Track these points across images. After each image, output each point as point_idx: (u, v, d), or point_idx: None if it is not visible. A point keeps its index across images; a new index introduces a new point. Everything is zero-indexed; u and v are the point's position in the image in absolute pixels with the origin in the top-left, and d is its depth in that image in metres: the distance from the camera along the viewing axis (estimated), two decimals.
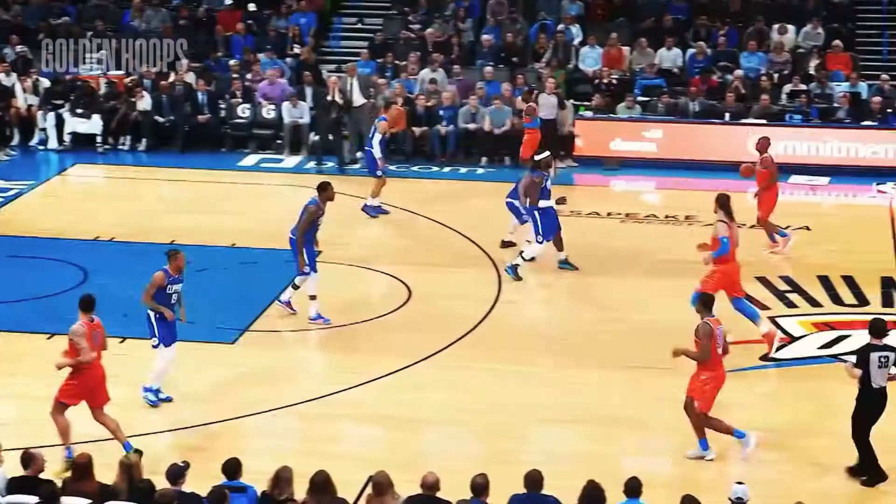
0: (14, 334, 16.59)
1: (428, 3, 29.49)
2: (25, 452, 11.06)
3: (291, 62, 27.69)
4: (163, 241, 20.02)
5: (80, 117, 25.75)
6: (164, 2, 29.88)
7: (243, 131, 26.10)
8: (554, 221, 18.80)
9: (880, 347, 12.97)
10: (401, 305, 17.74)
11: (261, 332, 16.86)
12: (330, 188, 17.17)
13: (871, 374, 12.83)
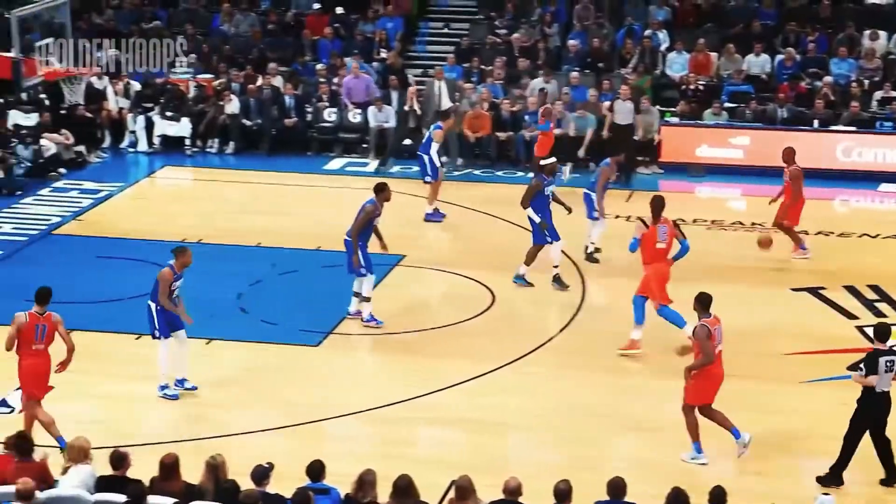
0: (101, 334, 16.80)
1: (514, 8, 29.48)
2: (115, 452, 11.20)
3: (378, 66, 27.82)
4: (249, 244, 20.26)
5: (169, 120, 26.06)
6: (253, 6, 30.18)
7: (329, 135, 26.26)
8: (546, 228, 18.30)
9: (886, 352, 12.93)
10: (484, 310, 17.74)
11: (344, 335, 16.94)
12: (387, 189, 17.23)
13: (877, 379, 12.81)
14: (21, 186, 23.13)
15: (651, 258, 16.12)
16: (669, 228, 16.17)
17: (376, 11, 29.50)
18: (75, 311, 17.03)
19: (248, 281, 18.70)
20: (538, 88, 25.78)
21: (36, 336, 13.48)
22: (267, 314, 17.41)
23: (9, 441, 11.51)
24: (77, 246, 20.17)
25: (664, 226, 16.14)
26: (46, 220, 21.56)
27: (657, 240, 16.09)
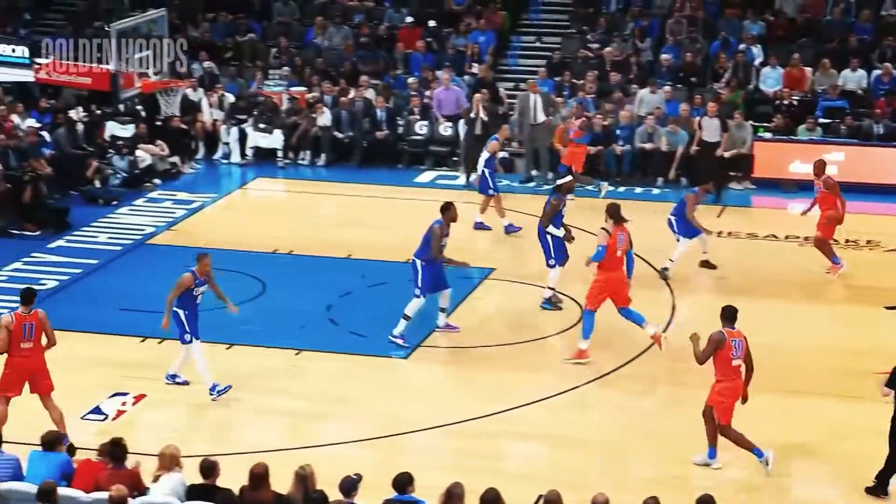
0: None
1: (607, 23, 29.42)
2: (205, 460, 11.32)
3: (469, 80, 27.89)
4: (339, 256, 20.40)
5: (262, 132, 26.34)
6: (347, 19, 30.42)
7: (420, 148, 26.39)
8: (563, 246, 18.14)
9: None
10: (572, 325, 17.68)
11: (433, 348, 16.99)
12: (453, 208, 17.07)
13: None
14: (117, 197, 23.51)
15: (610, 266, 16.27)
16: (627, 236, 16.36)
17: (468, 25, 29.59)
18: None
19: (337, 292, 18.84)
20: (576, 102, 25.66)
21: (24, 335, 13.68)
22: (356, 326, 17.51)
23: (103, 448, 11.69)
24: (170, 255, 20.43)
25: (623, 233, 16.33)
26: (141, 229, 21.89)
27: (617, 247, 16.26)
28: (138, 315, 17.67)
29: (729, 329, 13.44)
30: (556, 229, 18.05)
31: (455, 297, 17.98)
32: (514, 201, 23.64)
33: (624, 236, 16.34)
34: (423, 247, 16.98)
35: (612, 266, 16.30)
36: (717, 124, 24.46)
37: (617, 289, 16.32)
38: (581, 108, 25.66)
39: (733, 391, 13.45)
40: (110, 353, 16.36)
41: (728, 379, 13.40)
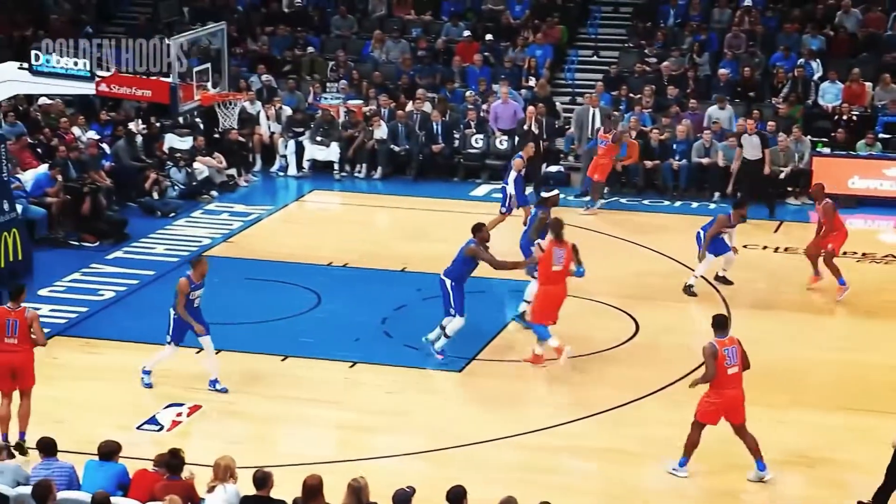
0: (249, 355, 17.09)
1: (665, 37, 29.34)
2: (259, 472, 11.36)
3: (526, 94, 27.88)
4: (394, 268, 20.44)
5: (319, 145, 26.45)
6: (404, 33, 30.52)
7: (476, 161, 26.38)
8: None
9: None
10: (628, 339, 17.63)
11: (487, 362, 16.97)
12: (484, 228, 16.97)
13: None
14: (175, 208, 23.69)
15: (545, 280, 16.47)
16: (567, 252, 16.50)
17: (526, 39, 29.60)
18: (224, 332, 17.41)
19: (392, 305, 18.87)
20: (606, 115, 25.54)
21: (7, 331, 13.79)
22: (411, 339, 17.52)
23: (159, 458, 11.77)
24: (227, 267, 20.55)
25: (562, 249, 16.46)
26: (198, 241, 22.04)
27: (553, 263, 16.38)
28: None
29: (720, 339, 13.50)
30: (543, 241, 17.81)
31: (508, 311, 17.96)
32: (569, 215, 23.57)
33: (563, 252, 16.49)
34: (455, 266, 16.77)
35: (552, 280, 16.49)
36: (757, 141, 24.15)
37: (552, 303, 16.51)
38: (638, 122, 25.58)
39: (727, 398, 13.47)
40: (167, 365, 16.45)
41: (722, 386, 13.45)
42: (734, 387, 13.51)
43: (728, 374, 13.44)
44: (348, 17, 31.24)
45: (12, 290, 14.19)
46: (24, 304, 14.24)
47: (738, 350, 13.55)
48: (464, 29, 30.18)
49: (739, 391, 13.56)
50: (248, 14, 31.96)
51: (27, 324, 13.85)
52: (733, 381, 13.49)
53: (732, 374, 13.47)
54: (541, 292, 16.66)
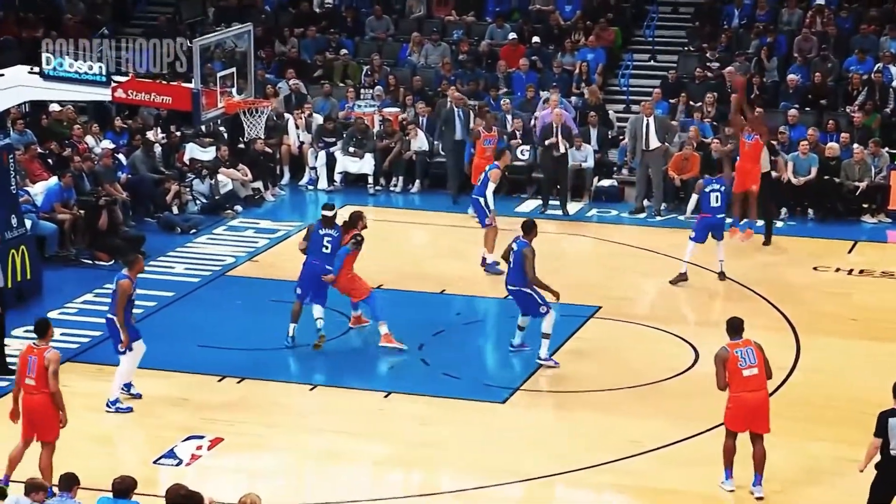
0: (276, 383, 17.19)
1: (729, 40, 29.31)
2: None
3: (577, 101, 27.93)
4: (432, 290, 20.48)
5: (351, 156, 26.57)
6: (444, 35, 30.64)
7: (521, 174, 26.41)
8: None
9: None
10: (686, 369, 17.61)
11: (532, 392, 16.99)
12: (535, 229, 17.86)
13: (890, 441, 12.75)
14: (196, 224, 23.87)
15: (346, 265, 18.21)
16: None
17: (576, 42, 29.65)
18: (247, 358, 17.53)
19: (430, 331, 18.92)
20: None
21: (28, 369, 13.87)
22: (450, 367, 17.58)
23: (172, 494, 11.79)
24: (251, 288, 20.70)
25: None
26: (220, 260, 22.19)
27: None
28: (217, 352, 17.92)
29: (733, 342, 13.96)
30: None
31: (557, 336, 17.99)
32: (622, 233, 23.64)
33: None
34: (517, 273, 17.41)
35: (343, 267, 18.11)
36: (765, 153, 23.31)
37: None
38: (698, 132, 25.56)
39: (746, 401, 13.83)
40: (186, 393, 16.58)
41: (739, 389, 13.82)
42: (753, 389, 13.87)
43: (744, 376, 13.83)
44: (384, 17, 31.39)
45: (37, 326, 14.20)
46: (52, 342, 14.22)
47: (757, 352, 13.92)
48: (509, 31, 30.25)
49: (762, 395, 13.92)
50: (276, 15, 32.19)
51: (44, 364, 13.77)
52: (752, 383, 13.86)
53: (750, 376, 13.85)
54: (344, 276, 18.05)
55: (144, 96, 19.61)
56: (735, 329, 14.15)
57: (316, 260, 18.09)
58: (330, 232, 18.19)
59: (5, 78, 19.53)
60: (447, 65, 29.11)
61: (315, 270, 18.08)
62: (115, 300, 15.94)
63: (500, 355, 18.10)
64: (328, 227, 18.22)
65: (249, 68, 20.93)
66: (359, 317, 18.90)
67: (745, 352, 13.89)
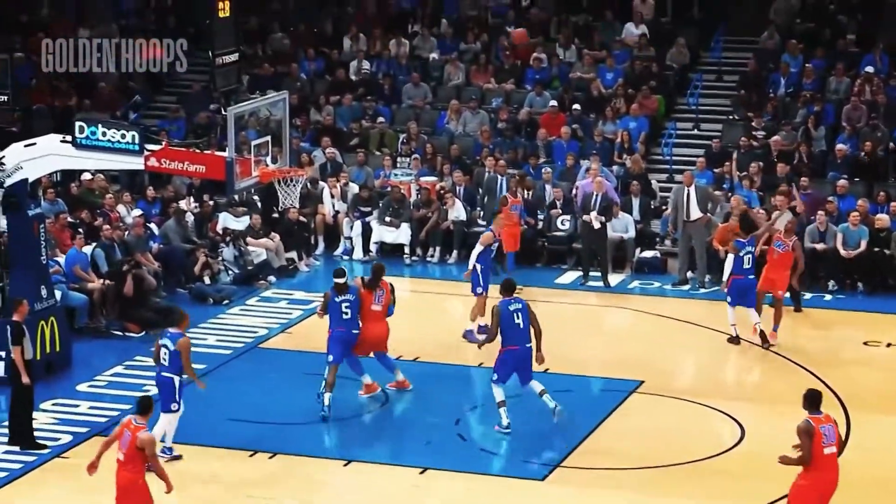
0: (308, 459, 17.13)
1: (774, 109, 29.33)
2: None
3: (618, 170, 27.97)
4: (469, 364, 20.43)
5: (388, 226, 26.66)
6: (483, 103, 30.79)
7: (562, 245, 26.41)
8: None
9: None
10: (732, 446, 17.46)
11: (572, 469, 16.87)
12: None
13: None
14: (229, 295, 23.94)
15: (365, 318, 18.58)
16: (387, 293, 18.84)
17: (618, 110, 29.75)
18: (280, 433, 17.49)
19: (467, 405, 18.88)
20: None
21: (120, 444, 13.83)
22: (487, 442, 17.50)
23: None
24: (285, 361, 20.71)
25: (382, 290, 18.78)
26: (253, 332, 22.22)
27: (373, 302, 18.58)
28: (249, 426, 17.89)
29: (815, 416, 13.60)
30: None
31: (598, 412, 17.92)
32: (665, 306, 23.55)
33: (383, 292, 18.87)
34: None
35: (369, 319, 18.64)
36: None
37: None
38: (740, 200, 25.46)
39: (823, 482, 13.49)
40: (217, 469, 16.54)
41: (818, 469, 13.45)
42: (831, 469, 13.53)
43: (825, 455, 13.48)
44: (421, 85, 31.63)
45: (140, 404, 14.09)
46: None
47: (835, 430, 13.61)
48: (549, 99, 30.41)
49: (836, 475, 13.57)
50: (311, 83, 32.48)
51: (136, 444, 13.63)
52: (830, 463, 13.52)
53: (829, 455, 13.51)
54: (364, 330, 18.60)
55: (178, 165, 19.68)
56: (815, 402, 13.76)
57: (340, 328, 18.33)
58: (346, 298, 18.42)
59: (37, 147, 19.69)
60: (486, 133, 29.26)
61: (342, 338, 18.29)
62: (176, 360, 16.43)
63: (539, 431, 17.98)
64: (342, 293, 18.44)
65: (284, 136, 21.05)
66: (402, 381, 19.15)
67: (827, 428, 13.52)
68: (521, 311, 17.64)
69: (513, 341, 17.64)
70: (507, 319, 17.53)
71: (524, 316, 17.58)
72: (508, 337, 17.59)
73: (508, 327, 17.53)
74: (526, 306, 17.77)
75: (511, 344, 17.62)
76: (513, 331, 17.56)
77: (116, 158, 19.40)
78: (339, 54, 33.23)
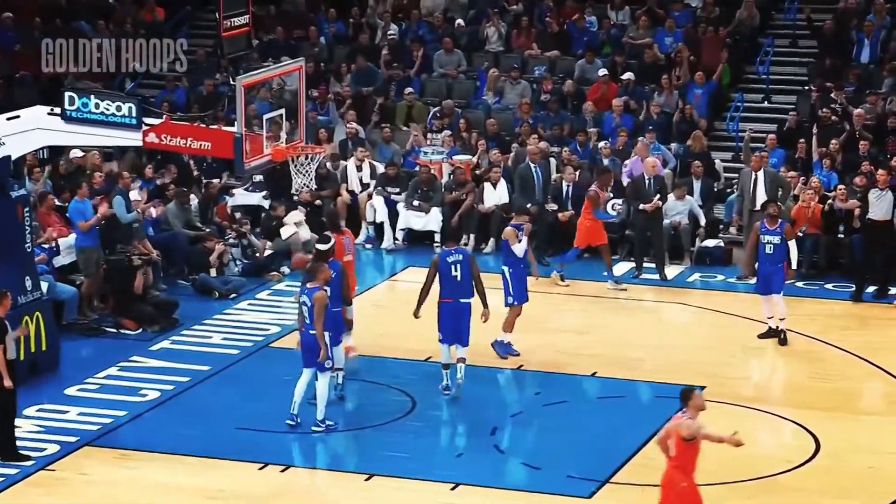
0: (326, 472, 17.28)
1: (858, 77, 29.20)
2: None
3: (677, 148, 27.92)
4: (507, 366, 20.45)
5: (416, 210, 26.67)
6: (525, 72, 30.75)
7: (613, 233, 26.31)
8: None
9: None
10: (805, 461, 17.46)
11: (622, 485, 16.89)
12: None
13: None
14: (237, 288, 24.02)
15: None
16: (352, 239, 20.10)
17: (677, 79, 29.67)
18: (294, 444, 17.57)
19: (505, 412, 18.92)
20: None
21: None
22: (528, 455, 17.53)
23: None
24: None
25: (347, 237, 19.89)
26: (263, 329, 22.28)
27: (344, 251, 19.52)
28: (258, 435, 17.96)
29: None
30: None
31: (653, 421, 17.94)
32: (729, 301, 23.53)
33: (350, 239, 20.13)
34: None
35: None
36: (890, 198, 23.47)
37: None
38: (820, 183, 25.40)
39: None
40: (224, 482, 16.61)
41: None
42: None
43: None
44: (455, 52, 31.62)
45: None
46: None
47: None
48: (599, 66, 30.37)
49: None
50: (330, 49, 32.51)
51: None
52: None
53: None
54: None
55: (180, 142, 19.74)
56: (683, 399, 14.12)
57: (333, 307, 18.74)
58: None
59: (22, 120, 19.78)
60: (526, 105, 29.21)
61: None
62: (311, 314, 17.60)
63: (585, 442, 18.01)
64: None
65: (300, 110, 21.10)
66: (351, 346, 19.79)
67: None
68: (461, 264, 18.90)
69: (446, 294, 19.05)
70: (444, 270, 18.90)
71: (463, 269, 18.82)
72: (443, 289, 19.01)
73: (444, 279, 18.94)
74: (468, 259, 18.98)
75: (445, 297, 19.03)
76: (448, 283, 18.96)
77: (111, 133, 19.46)
78: (361, 16, 33.25)
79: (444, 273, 19.03)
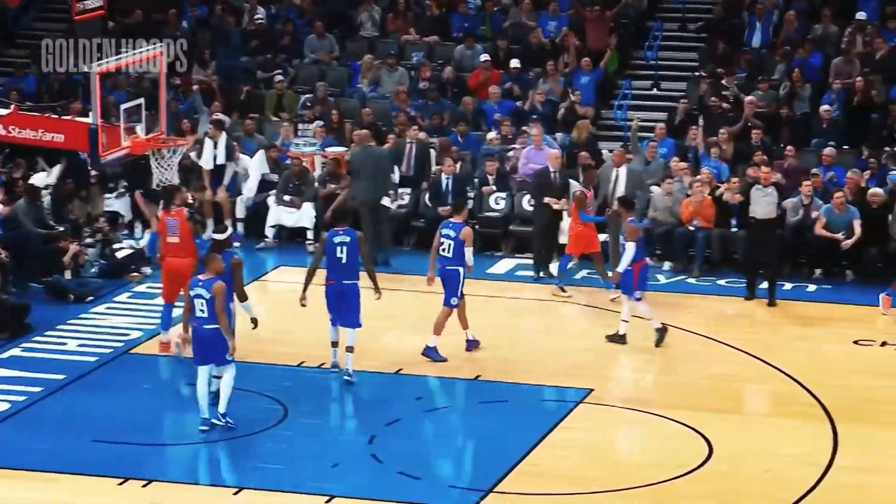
0: (191, 486, 17.11)
1: (750, 63, 29.49)
2: None
3: (562, 138, 28.04)
4: (386, 371, 20.45)
5: (287, 206, 26.57)
6: (402, 59, 30.74)
7: (496, 228, 26.45)
8: None
9: None
10: (698, 466, 17.61)
11: (507, 495, 16.94)
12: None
13: None
14: (93, 291, 23.80)
15: (164, 251, 20.29)
16: (182, 221, 20.13)
17: (564, 66, 29.80)
18: (156, 456, 17.44)
19: (383, 420, 18.88)
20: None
21: None
22: (407, 464, 17.52)
23: None
24: (161, 370, 20.63)
25: (175, 218, 20.11)
26: (123, 335, 22.10)
27: (168, 234, 20.03)
28: (118, 448, 17.80)
29: None
30: None
31: (538, 426, 18.03)
32: None
33: (177, 221, 20.09)
34: None
35: (168, 252, 20.18)
36: (774, 196, 23.50)
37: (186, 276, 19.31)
38: (711, 175, 25.59)
39: None
40: (80, 500, 16.46)
41: None
42: None
43: None
44: (327, 36, 31.56)
45: None
46: None
47: None
48: (480, 52, 30.44)
49: None
50: (193, 33, 32.29)
51: None
52: None
53: None
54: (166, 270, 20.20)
55: (31, 134, 19.55)
56: None
57: None
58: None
59: None
60: (403, 94, 29.19)
61: None
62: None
63: (468, 450, 18.05)
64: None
65: (161, 99, 20.98)
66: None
67: None
68: (347, 245, 19.51)
69: (331, 275, 19.82)
70: (330, 251, 19.70)
71: (349, 251, 19.65)
72: (329, 270, 19.79)
73: (330, 260, 19.73)
74: (355, 240, 19.75)
75: (330, 278, 19.80)
76: (333, 264, 19.72)
77: None
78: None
79: (330, 253, 19.75)
